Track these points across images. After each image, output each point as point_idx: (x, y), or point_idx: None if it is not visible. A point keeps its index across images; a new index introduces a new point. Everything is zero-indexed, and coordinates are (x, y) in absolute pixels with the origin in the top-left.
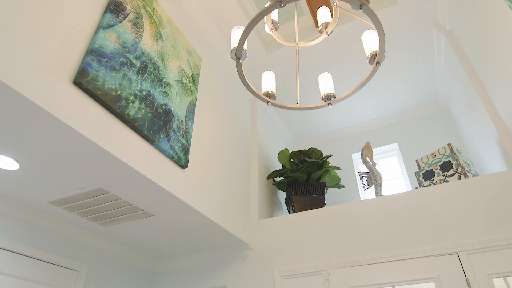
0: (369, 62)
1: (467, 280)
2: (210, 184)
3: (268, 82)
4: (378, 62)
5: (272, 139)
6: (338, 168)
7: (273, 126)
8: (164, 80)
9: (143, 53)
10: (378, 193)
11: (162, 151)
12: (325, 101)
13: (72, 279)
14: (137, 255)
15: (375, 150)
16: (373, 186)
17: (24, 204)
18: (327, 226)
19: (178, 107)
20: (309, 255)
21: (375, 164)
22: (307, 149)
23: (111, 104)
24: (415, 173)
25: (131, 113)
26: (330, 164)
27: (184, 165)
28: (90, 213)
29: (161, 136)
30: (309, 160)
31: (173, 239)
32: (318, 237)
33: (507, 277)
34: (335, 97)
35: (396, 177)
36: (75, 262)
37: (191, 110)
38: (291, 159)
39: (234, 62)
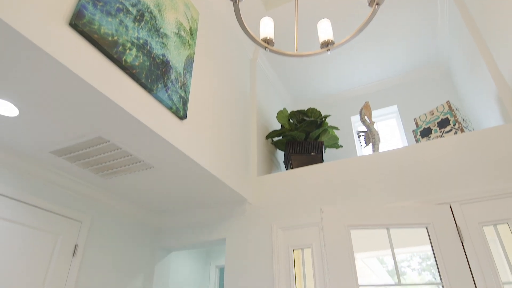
0: (369, 5)
1: (457, 228)
2: (209, 138)
3: (266, 28)
4: (377, 4)
5: (271, 100)
6: (336, 128)
7: (272, 87)
8: (161, 30)
9: (139, 1)
10: (375, 150)
11: (161, 100)
12: (324, 47)
13: (75, 229)
14: (140, 211)
15: (374, 113)
16: (371, 144)
17: (26, 154)
18: (324, 181)
19: (176, 59)
20: (305, 209)
21: (374, 123)
22: (306, 109)
23: (108, 49)
24: (413, 131)
25: (128, 60)
26: (328, 125)
27: (182, 117)
28: (91, 164)
29: (159, 85)
30: (307, 119)
31: (174, 193)
32: (315, 192)
33: (497, 225)
34: (333, 43)
35: (394, 139)
36: (78, 213)
37: (189, 63)
38: (290, 119)
39: (233, 20)
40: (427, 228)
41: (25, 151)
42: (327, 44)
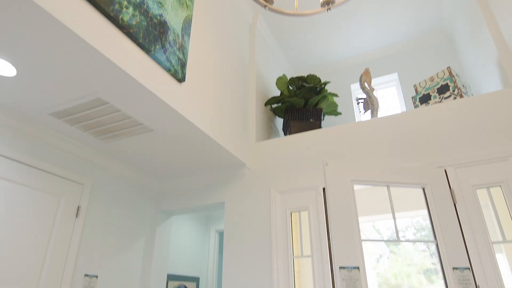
0: None
1: (451, 191)
2: (207, 102)
3: None
4: None
5: (271, 66)
6: (335, 95)
7: (272, 53)
8: None
9: None
10: (374, 117)
11: (159, 62)
12: (324, 6)
13: (77, 191)
14: (141, 175)
15: (374, 81)
16: (369, 111)
17: (25, 116)
18: (322, 147)
19: (173, 20)
20: (304, 173)
21: (373, 90)
22: (305, 76)
23: (105, 6)
24: (412, 97)
25: (125, 19)
26: (328, 92)
27: (181, 79)
28: (91, 126)
29: (157, 46)
30: (307, 85)
31: (174, 157)
32: (313, 157)
33: (490, 188)
34: (334, 2)
35: (394, 106)
36: (80, 176)
37: (187, 25)
38: (289, 86)
39: None
40: (424, 189)
41: (25, 113)
42: (327, 3)
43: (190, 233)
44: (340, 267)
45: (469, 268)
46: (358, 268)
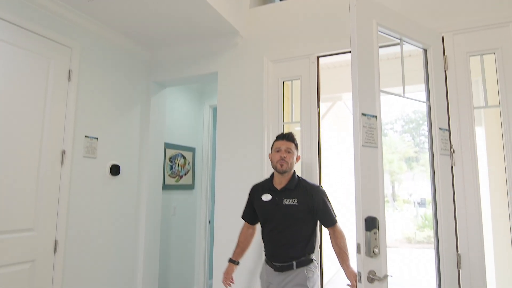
0: None
1: (444, 58)
2: None
3: None
4: None
5: None
6: None
7: None
8: None
9: None
10: None
11: None
12: None
13: (66, 55)
14: (132, 43)
15: None
16: None
17: None
18: (318, 15)
19: None
20: (298, 42)
21: None
22: None
23: None
24: None
25: None
26: None
27: None
28: None
29: None
30: None
31: (164, 21)
32: (308, 26)
33: (484, 55)
34: None
35: None
36: (67, 39)
37: None
38: None
39: None
40: (426, 51)
41: None
42: None
43: (185, 107)
44: (362, 114)
45: (447, 130)
46: (376, 117)
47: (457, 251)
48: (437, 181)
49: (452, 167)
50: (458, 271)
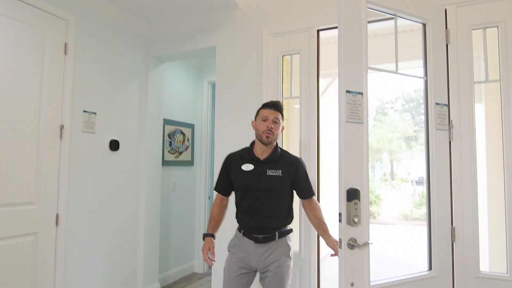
0: None
1: (446, 31)
2: None
3: None
4: None
5: None
6: None
7: None
8: None
9: None
10: None
11: None
12: None
13: (62, 27)
14: (129, 17)
15: None
16: None
17: None
18: None
19: None
20: (297, 15)
21: None
22: None
23: None
24: None
25: None
26: None
27: None
28: None
29: None
30: None
31: None
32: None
33: (486, 28)
34: None
35: None
36: (63, 12)
37: None
38: None
39: None
40: (424, 25)
41: None
42: None
43: (184, 83)
44: (346, 91)
45: (447, 105)
46: (361, 93)
47: (452, 224)
48: (432, 155)
49: (450, 142)
50: (452, 244)
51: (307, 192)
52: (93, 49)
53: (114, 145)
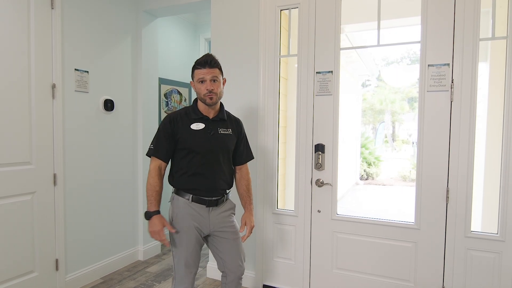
0: None
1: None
2: None
3: None
4: None
5: None
6: None
7: None
8: None
9: None
10: None
11: None
12: None
13: None
14: None
15: None
16: None
17: None
18: None
19: None
20: None
21: None
22: None
23: None
24: None
25: None
26: None
27: None
28: None
29: None
30: None
31: None
32: None
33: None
34: None
35: None
36: None
37: None
38: None
39: None
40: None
41: None
42: None
43: (179, 40)
44: (316, 72)
45: (448, 64)
46: (331, 72)
47: (447, 185)
48: (421, 118)
49: (451, 103)
50: (446, 205)
51: (248, 154)
52: (81, 2)
53: (109, 105)
